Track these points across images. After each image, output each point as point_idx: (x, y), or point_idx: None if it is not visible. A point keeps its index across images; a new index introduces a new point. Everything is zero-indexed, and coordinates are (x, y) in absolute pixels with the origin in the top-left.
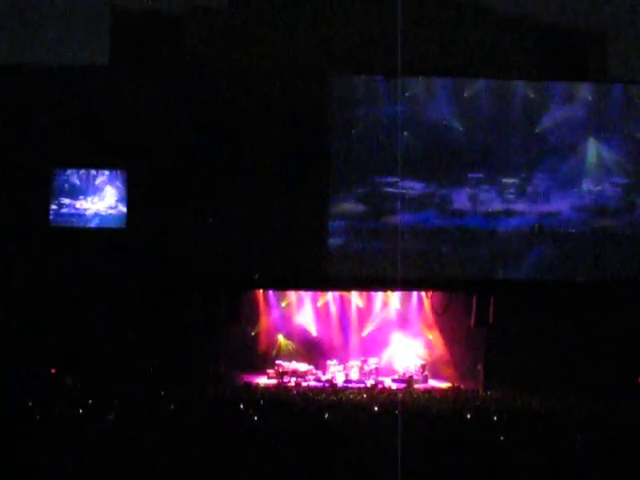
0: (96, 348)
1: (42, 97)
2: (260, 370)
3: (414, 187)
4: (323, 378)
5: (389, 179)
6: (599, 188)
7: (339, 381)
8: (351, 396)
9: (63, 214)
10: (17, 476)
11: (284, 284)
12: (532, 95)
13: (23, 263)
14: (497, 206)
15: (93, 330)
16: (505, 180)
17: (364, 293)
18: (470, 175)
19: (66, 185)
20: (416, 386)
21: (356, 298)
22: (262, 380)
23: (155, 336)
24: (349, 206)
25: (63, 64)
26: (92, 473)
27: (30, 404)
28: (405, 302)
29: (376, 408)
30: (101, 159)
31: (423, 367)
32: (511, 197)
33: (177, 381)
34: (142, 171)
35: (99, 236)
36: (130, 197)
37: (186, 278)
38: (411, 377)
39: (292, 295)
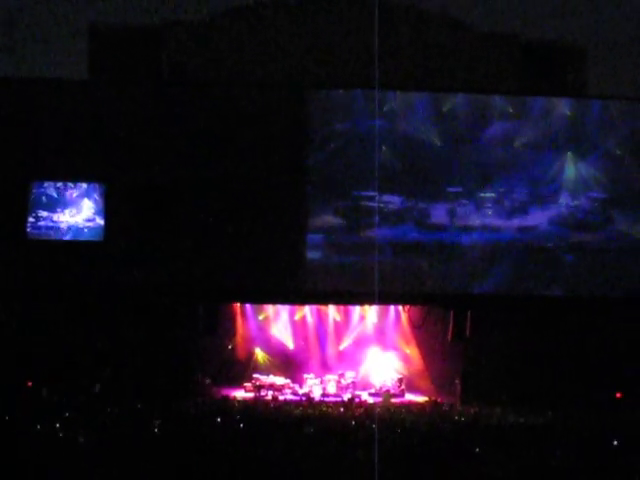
0: (73, 361)
1: (20, 110)
2: (237, 384)
3: (392, 201)
4: (300, 392)
5: (367, 193)
6: (577, 203)
7: (316, 395)
8: (328, 410)
9: (40, 227)
10: None
11: (261, 297)
12: (511, 110)
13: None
14: (475, 220)
15: (70, 343)
16: (483, 194)
17: (341, 307)
18: (448, 189)
19: (43, 198)
20: (393, 400)
21: (333, 312)
22: (239, 394)
23: (132, 349)
24: (327, 220)
25: (41, 77)
26: None
27: (6, 418)
28: (382, 316)
29: (353, 422)
30: (79, 172)
31: (400, 381)
32: (489, 211)
33: (154, 394)
34: (120, 184)
35: (76, 249)
36: (108, 210)
37: (163, 291)
38: (388, 391)
39: (269, 308)
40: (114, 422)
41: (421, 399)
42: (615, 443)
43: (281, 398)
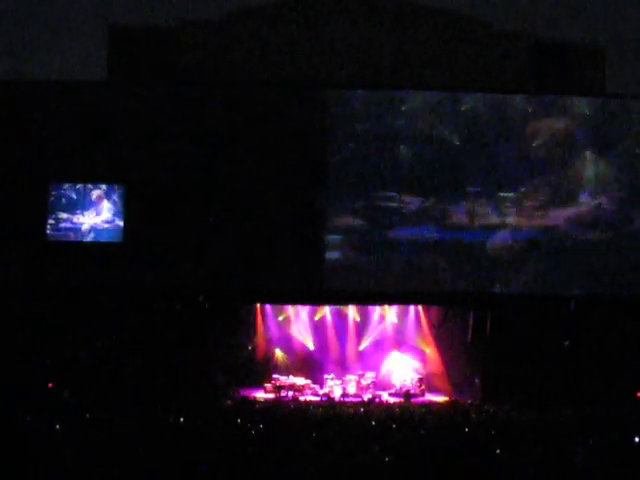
0: (94, 362)
1: (40, 112)
2: (257, 384)
3: (411, 201)
4: (320, 392)
5: (386, 193)
6: (596, 202)
7: (336, 395)
8: (348, 410)
9: (60, 228)
10: None
11: (281, 298)
12: (530, 109)
13: (20, 277)
14: (494, 220)
15: (91, 344)
16: (502, 194)
17: (361, 307)
18: (467, 189)
19: (63, 199)
20: (413, 400)
21: (353, 312)
22: (259, 394)
23: (153, 350)
24: (347, 220)
25: (60, 79)
26: None
27: (28, 419)
28: (402, 316)
29: (373, 422)
30: (98, 173)
31: (420, 381)
32: (508, 211)
33: (175, 395)
34: (139, 185)
35: (96, 250)
36: (127, 211)
37: (183, 292)
38: (408, 391)
39: (289, 309)
40: (133, 423)
41: (441, 399)
42: (637, 440)
43: (301, 399)
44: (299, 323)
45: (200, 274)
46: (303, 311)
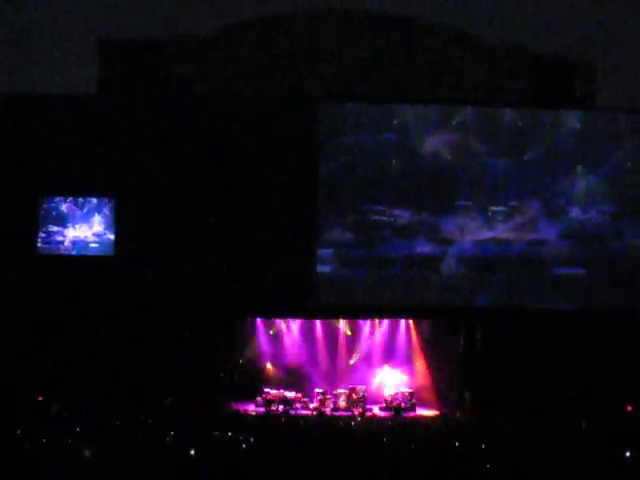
0: (83, 375)
1: (29, 125)
2: (248, 398)
3: (402, 215)
4: (311, 406)
5: (378, 207)
6: (587, 216)
7: (327, 409)
8: (339, 424)
9: (51, 241)
10: None
11: (273, 312)
12: (520, 123)
13: (10, 290)
14: (485, 234)
15: (81, 357)
16: (493, 208)
17: (352, 321)
18: (458, 203)
19: (54, 213)
20: (404, 414)
21: (344, 326)
22: (250, 408)
23: (143, 363)
24: (338, 234)
25: (51, 93)
26: None
27: (18, 432)
28: (393, 330)
29: (364, 436)
30: (89, 187)
31: (411, 395)
32: (499, 225)
33: (164, 408)
34: (130, 198)
35: (87, 263)
36: (118, 224)
37: (173, 306)
38: (399, 405)
39: (280, 323)
40: (124, 436)
41: (432, 413)
42: (627, 455)
43: (292, 412)
44: (290, 337)
45: (190, 288)
46: (294, 325)
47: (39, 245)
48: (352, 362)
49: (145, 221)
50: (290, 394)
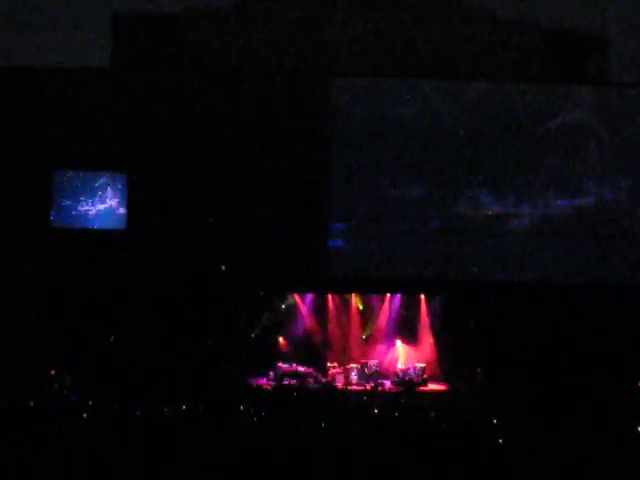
0: (97, 349)
1: (42, 99)
2: (260, 372)
3: (416, 190)
4: (323, 380)
5: (390, 181)
6: (602, 191)
7: (339, 383)
8: (351, 398)
9: (64, 216)
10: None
11: (284, 286)
12: (533, 98)
13: (24, 264)
14: (498, 209)
15: (94, 331)
16: (506, 183)
17: (365, 295)
18: (472, 178)
19: (67, 187)
20: (416, 388)
21: (356, 300)
22: (262, 382)
23: (155, 338)
24: (350, 208)
25: (63, 66)
26: (91, 475)
27: (30, 404)
28: (406, 305)
29: (376, 410)
30: (102, 161)
31: (423, 370)
32: (512, 200)
33: (176, 382)
34: (143, 173)
35: (100, 237)
36: (130, 199)
37: (186, 280)
38: (411, 380)
39: (293, 297)
40: (137, 408)
41: (444, 388)
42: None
43: (304, 386)
44: (302, 311)
45: (203, 262)
46: (306, 299)
47: (52, 219)
48: (364, 337)
49: (158, 195)
50: (302, 368)
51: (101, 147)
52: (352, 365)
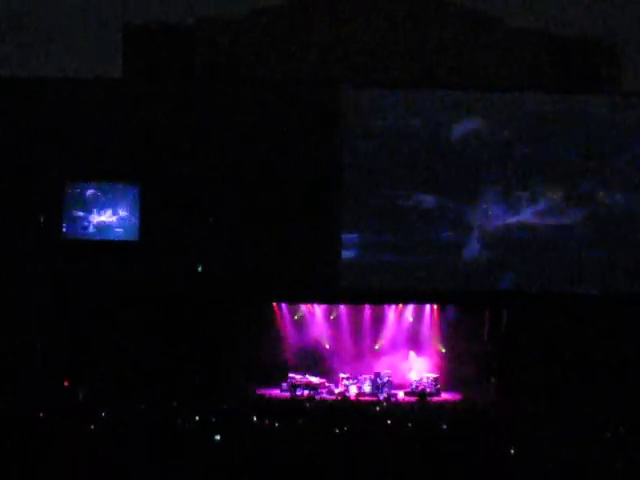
0: (110, 360)
1: (56, 110)
2: (273, 383)
3: (427, 200)
4: (336, 391)
5: (402, 192)
6: (612, 201)
7: (352, 394)
8: (364, 409)
9: (77, 227)
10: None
11: (297, 297)
12: (545, 108)
13: (37, 276)
14: (510, 219)
15: (107, 342)
16: (518, 193)
17: (377, 306)
18: (483, 188)
19: (80, 198)
20: (429, 399)
21: (369, 311)
22: (275, 392)
23: (168, 347)
24: (362, 219)
25: (77, 77)
26: None
27: (42, 415)
28: (418, 315)
29: (389, 421)
30: (114, 172)
31: (436, 380)
32: (524, 210)
33: (189, 392)
34: (156, 183)
35: (113, 248)
36: (143, 209)
37: (198, 290)
38: (424, 390)
39: (305, 308)
40: (149, 419)
41: (457, 398)
42: None
43: (317, 397)
44: (315, 322)
45: (215, 272)
46: (319, 310)
47: (64, 230)
48: (377, 347)
49: (170, 206)
50: (315, 379)
51: (113, 157)
52: (364, 376)
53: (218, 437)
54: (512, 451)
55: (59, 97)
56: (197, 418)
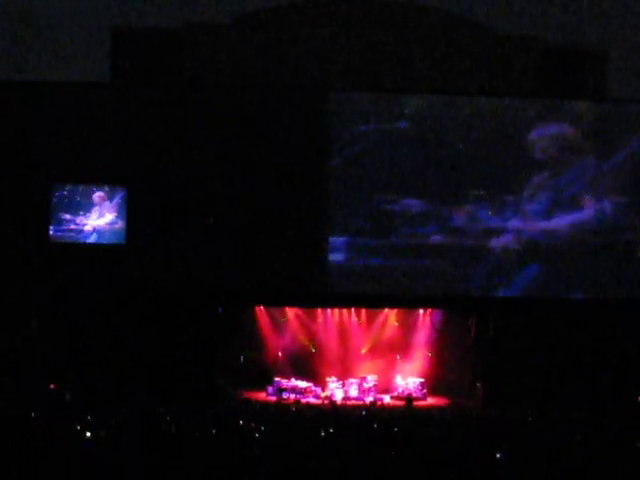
0: (95, 364)
1: (43, 113)
2: (259, 387)
3: (414, 204)
4: (322, 395)
5: (389, 196)
6: (599, 206)
7: (338, 398)
8: (350, 413)
9: (63, 230)
10: None
11: (284, 300)
12: (532, 113)
13: (23, 278)
14: (497, 224)
15: (92, 345)
16: (504, 198)
17: (364, 310)
18: (470, 192)
19: (66, 201)
20: (415, 404)
21: (356, 315)
22: (261, 396)
23: (154, 352)
24: (350, 222)
25: (64, 81)
26: None
27: (29, 417)
28: (405, 319)
29: (375, 425)
30: (101, 175)
31: (422, 385)
32: (510, 215)
33: (176, 396)
34: (142, 187)
35: (98, 252)
36: (129, 213)
37: (185, 293)
38: (410, 395)
39: (292, 311)
40: (133, 424)
41: (443, 403)
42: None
43: (303, 401)
44: (301, 325)
45: (203, 275)
46: (306, 313)
47: (51, 233)
48: (364, 351)
49: (157, 209)
50: (301, 383)
51: (100, 160)
52: (351, 380)
53: (204, 440)
54: (498, 455)
55: (47, 100)
56: (183, 421)
